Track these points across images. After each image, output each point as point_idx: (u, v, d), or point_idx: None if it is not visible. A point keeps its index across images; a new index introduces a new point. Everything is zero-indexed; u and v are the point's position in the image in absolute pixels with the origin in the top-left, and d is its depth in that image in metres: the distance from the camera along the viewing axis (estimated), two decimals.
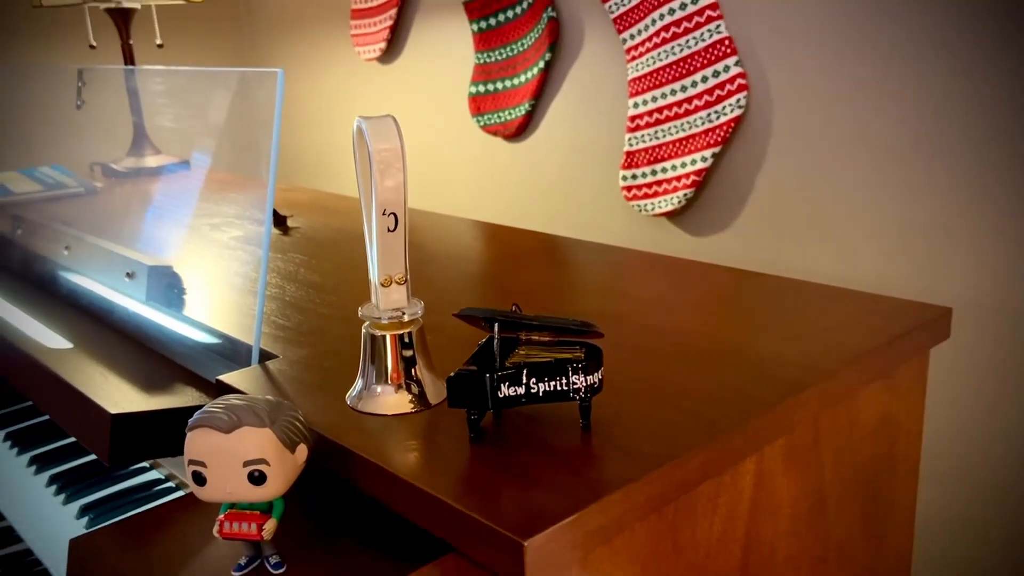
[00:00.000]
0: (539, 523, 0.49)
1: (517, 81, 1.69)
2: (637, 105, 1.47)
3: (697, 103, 1.39)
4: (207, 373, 0.81)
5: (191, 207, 1.01)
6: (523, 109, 1.68)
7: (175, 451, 0.74)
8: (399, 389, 0.65)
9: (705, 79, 1.37)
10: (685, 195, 1.42)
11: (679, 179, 1.43)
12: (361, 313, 0.66)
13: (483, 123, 1.77)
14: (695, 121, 1.39)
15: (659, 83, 1.43)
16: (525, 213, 1.77)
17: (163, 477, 0.94)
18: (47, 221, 1.22)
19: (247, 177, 0.87)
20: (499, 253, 1.11)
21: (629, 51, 1.47)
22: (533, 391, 0.58)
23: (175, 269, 0.97)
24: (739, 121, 1.35)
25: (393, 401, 0.65)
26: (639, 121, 1.47)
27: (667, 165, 1.45)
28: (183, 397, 0.76)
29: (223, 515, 0.56)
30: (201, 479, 0.55)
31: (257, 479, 0.55)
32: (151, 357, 0.88)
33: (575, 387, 0.58)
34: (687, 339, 0.76)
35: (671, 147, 1.44)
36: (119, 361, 0.86)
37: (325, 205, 1.46)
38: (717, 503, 0.62)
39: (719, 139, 1.36)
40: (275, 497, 0.56)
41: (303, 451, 0.57)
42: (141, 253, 1.00)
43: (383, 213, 0.61)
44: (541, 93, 1.67)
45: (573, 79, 1.61)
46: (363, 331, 0.66)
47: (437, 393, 0.66)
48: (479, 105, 1.77)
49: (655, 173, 1.47)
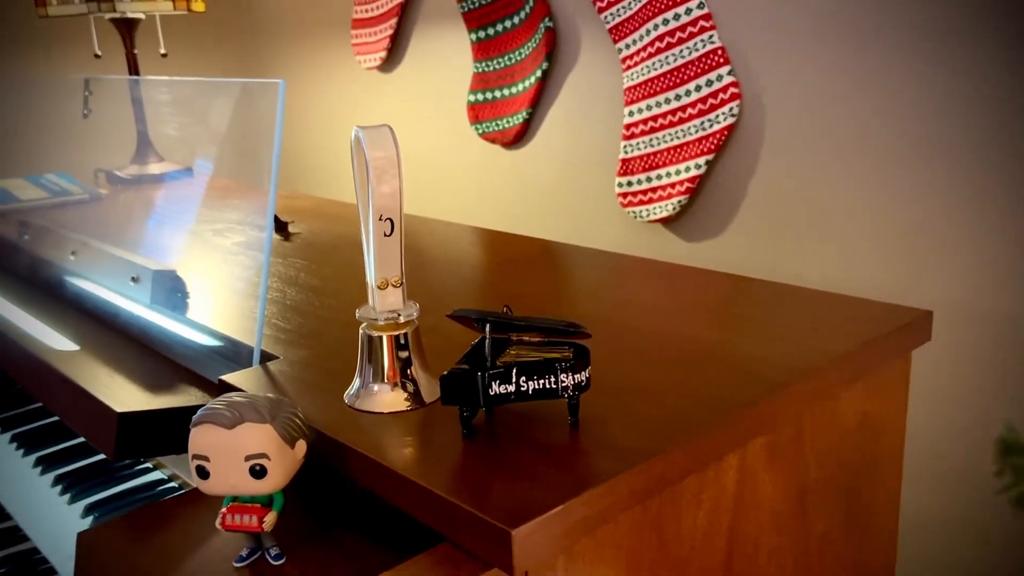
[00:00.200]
0: (526, 514, 0.52)
1: (515, 90, 1.72)
2: (632, 113, 1.49)
3: (691, 111, 1.41)
4: (210, 374, 0.83)
5: (194, 213, 1.03)
6: (521, 117, 1.71)
7: (179, 448, 0.76)
8: (395, 388, 0.68)
9: (699, 88, 1.39)
10: (680, 201, 1.44)
11: (674, 186, 1.45)
12: (358, 315, 0.68)
13: (482, 131, 1.80)
14: (689, 129, 1.42)
15: (654, 92, 1.46)
16: (523, 219, 1.80)
17: (166, 477, 0.96)
18: (53, 227, 1.24)
19: (249, 184, 0.89)
20: (496, 258, 1.13)
21: (624, 60, 1.49)
22: (523, 389, 0.60)
23: (179, 273, 0.99)
24: (732, 129, 1.37)
25: (389, 399, 0.67)
26: (634, 129, 1.50)
27: (662, 172, 1.47)
28: (186, 396, 0.79)
29: (225, 508, 0.59)
30: (204, 473, 0.57)
31: (258, 473, 0.57)
32: (155, 358, 0.90)
33: (563, 385, 0.61)
34: (675, 341, 0.79)
35: (666, 154, 1.46)
36: (125, 362, 0.88)
37: (326, 211, 1.49)
38: (701, 498, 0.65)
39: (713, 147, 1.38)
40: (275, 490, 0.59)
41: (302, 446, 0.60)
42: (146, 258, 1.03)
43: (379, 218, 0.64)
44: (538, 101, 1.69)
45: (570, 88, 1.64)
46: (360, 332, 0.69)
47: (432, 392, 0.69)
48: (478, 113, 1.79)
49: (650, 180, 1.49)
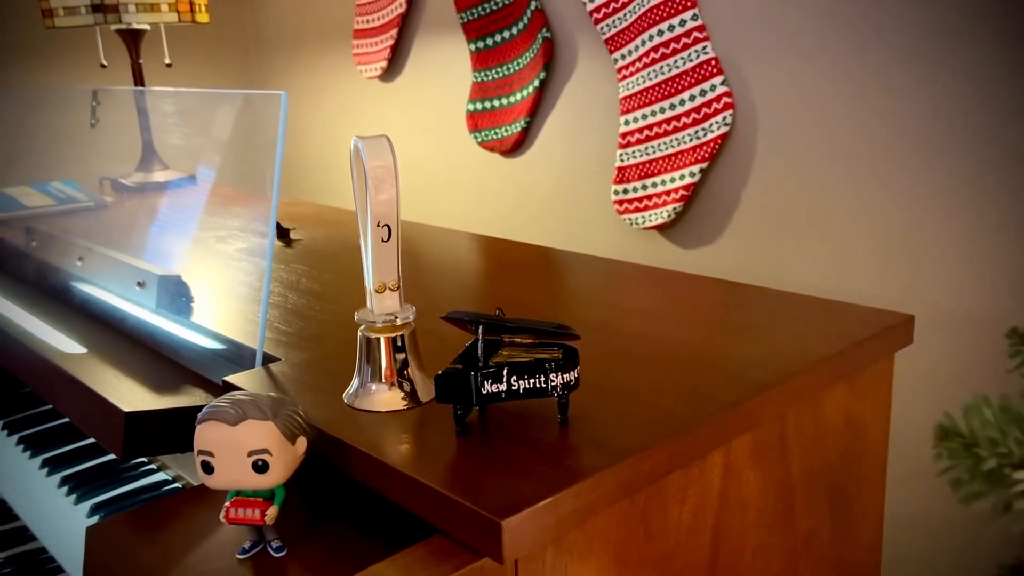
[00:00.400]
0: (516, 506, 0.54)
1: (513, 99, 1.75)
2: (628, 122, 1.52)
3: (685, 120, 1.44)
4: (214, 376, 0.85)
5: (198, 220, 1.06)
6: (519, 126, 1.73)
7: (185, 447, 0.79)
8: (392, 387, 0.70)
9: (693, 98, 1.42)
10: (674, 209, 1.47)
11: (668, 193, 1.48)
12: (357, 317, 0.71)
13: (480, 139, 1.82)
14: (683, 138, 1.44)
15: (649, 101, 1.48)
16: (521, 226, 1.82)
17: (170, 478, 0.98)
18: (60, 234, 1.27)
19: (251, 192, 0.92)
20: (493, 264, 1.16)
21: (620, 71, 1.52)
22: (514, 388, 0.63)
23: (183, 279, 1.02)
24: (725, 138, 1.40)
25: (386, 398, 0.70)
26: (630, 138, 1.52)
27: (657, 180, 1.50)
28: (191, 397, 0.81)
29: (229, 502, 0.61)
30: (209, 468, 0.60)
31: (260, 468, 0.60)
32: (161, 361, 0.93)
33: (553, 384, 0.63)
34: (663, 344, 0.81)
35: (661, 163, 1.49)
36: (131, 365, 0.91)
37: (327, 218, 1.52)
38: (686, 494, 0.67)
39: (706, 155, 1.41)
40: (277, 485, 0.61)
41: (302, 443, 0.62)
42: (151, 264, 1.05)
43: (377, 225, 0.67)
44: (536, 111, 1.72)
45: (567, 97, 1.66)
46: (359, 334, 0.71)
47: (427, 391, 0.71)
48: (477, 122, 1.82)
49: (645, 188, 1.52)
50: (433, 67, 1.95)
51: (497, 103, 1.78)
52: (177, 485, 0.96)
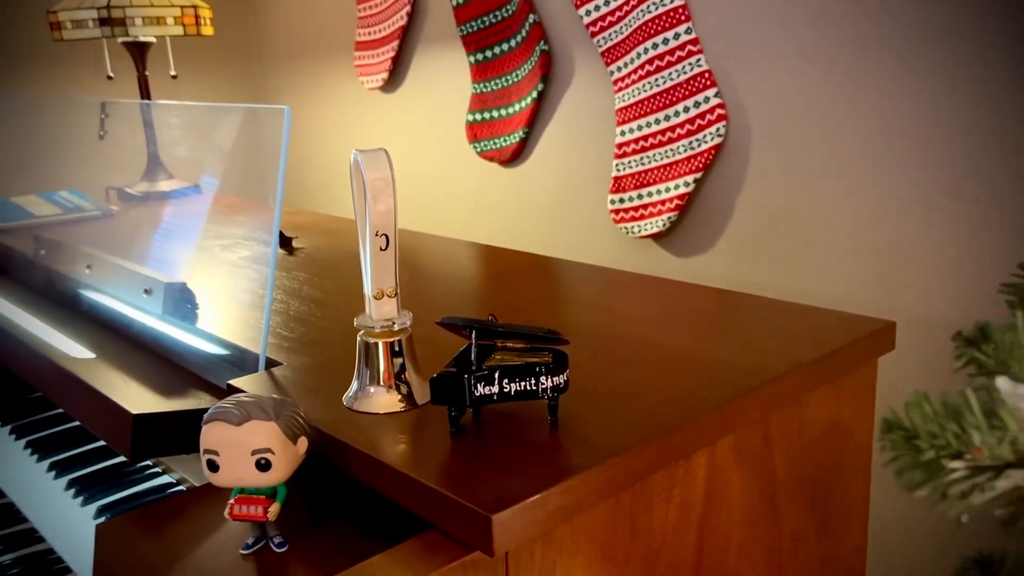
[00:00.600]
0: (506, 501, 0.57)
1: (512, 110, 1.78)
2: (624, 133, 1.55)
3: (680, 131, 1.47)
4: (218, 380, 0.88)
5: (203, 229, 1.09)
6: (517, 136, 1.76)
7: (191, 448, 0.82)
8: (390, 390, 0.73)
9: (687, 109, 1.45)
10: (669, 218, 1.50)
11: (664, 203, 1.51)
12: (356, 323, 0.74)
13: (480, 149, 1.85)
14: (678, 148, 1.47)
15: (644, 113, 1.51)
16: (519, 234, 1.85)
17: (174, 480, 1.01)
18: (68, 242, 1.30)
19: (255, 202, 0.95)
20: (490, 272, 1.18)
21: (616, 83, 1.55)
22: (505, 390, 0.66)
23: (189, 286, 1.05)
24: (719, 149, 1.42)
25: (384, 401, 0.73)
26: (626, 148, 1.55)
27: (652, 190, 1.52)
28: (197, 400, 0.84)
29: (233, 499, 0.64)
30: (215, 466, 0.63)
31: (263, 466, 0.62)
32: (167, 366, 0.95)
33: (543, 387, 0.66)
34: (653, 349, 0.84)
35: (656, 173, 1.51)
36: (138, 369, 0.94)
37: (328, 227, 1.55)
38: (672, 493, 0.70)
39: (700, 165, 1.44)
40: (279, 483, 0.64)
41: (303, 443, 0.65)
42: (157, 271, 1.08)
43: (376, 234, 0.70)
44: (534, 121, 1.75)
45: (564, 108, 1.69)
46: (358, 339, 0.74)
47: (424, 394, 0.74)
48: (476, 132, 1.85)
49: (641, 197, 1.54)
50: (433, 78, 1.98)
51: (496, 114, 1.81)
52: (181, 488, 0.98)
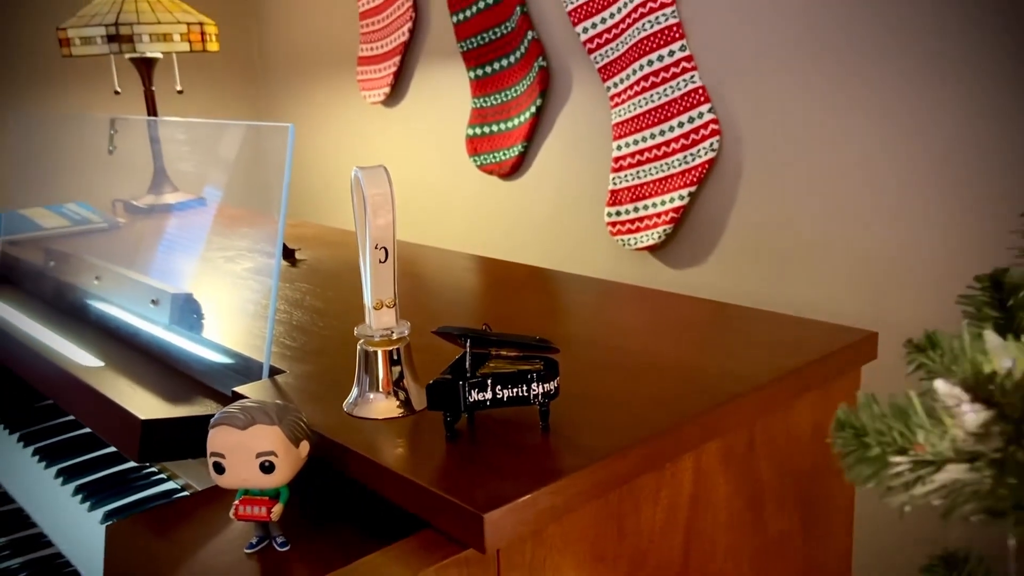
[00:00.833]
0: (498, 501, 0.60)
1: (511, 124, 1.81)
2: (620, 147, 1.58)
3: (674, 146, 1.50)
4: (223, 387, 0.91)
5: (208, 241, 1.12)
6: (516, 150, 1.79)
7: (197, 453, 0.84)
8: (388, 397, 0.76)
9: (681, 124, 1.48)
10: (665, 231, 1.52)
11: (659, 216, 1.54)
12: (356, 332, 0.77)
13: (479, 163, 1.88)
14: (673, 163, 1.50)
15: (640, 127, 1.54)
16: (518, 247, 1.88)
17: (179, 487, 1.04)
18: (77, 254, 1.33)
19: (258, 215, 0.98)
20: (489, 283, 1.21)
21: (613, 98, 1.58)
22: (498, 396, 0.69)
23: (195, 297, 1.08)
24: (713, 163, 1.45)
25: (383, 407, 0.76)
26: (622, 162, 1.58)
27: (648, 203, 1.55)
28: (203, 407, 0.87)
29: (238, 500, 0.67)
30: (220, 468, 0.66)
31: (267, 469, 0.65)
32: (174, 374, 0.98)
33: (534, 393, 0.69)
34: (644, 358, 0.87)
35: (652, 186, 1.54)
36: (146, 377, 0.97)
37: (330, 240, 1.58)
38: (659, 495, 0.73)
39: (695, 179, 1.47)
40: (282, 485, 0.67)
41: (305, 446, 0.68)
42: (164, 282, 1.11)
43: (375, 247, 0.73)
44: (533, 136, 1.78)
45: (562, 123, 1.72)
46: (358, 347, 0.77)
47: (421, 400, 0.77)
48: (476, 146, 1.88)
49: (637, 210, 1.57)
50: (434, 93, 2.01)
51: (495, 128, 1.84)
52: (185, 493, 1.01)
